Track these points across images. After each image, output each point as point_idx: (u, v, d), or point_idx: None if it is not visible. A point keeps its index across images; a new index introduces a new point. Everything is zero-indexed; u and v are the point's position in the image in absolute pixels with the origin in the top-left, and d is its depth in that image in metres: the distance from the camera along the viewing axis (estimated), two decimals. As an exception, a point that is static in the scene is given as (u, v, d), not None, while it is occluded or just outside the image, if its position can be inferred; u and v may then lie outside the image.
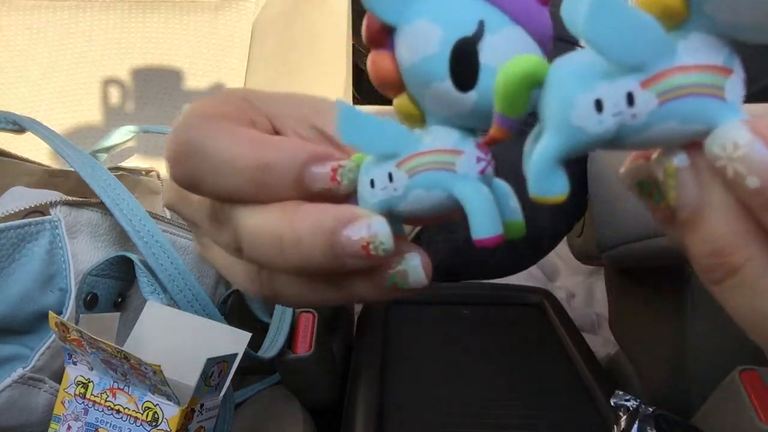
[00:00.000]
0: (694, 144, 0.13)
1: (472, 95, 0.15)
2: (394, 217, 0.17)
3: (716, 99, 0.13)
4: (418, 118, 0.17)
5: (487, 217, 0.16)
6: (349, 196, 0.18)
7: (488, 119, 0.15)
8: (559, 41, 0.55)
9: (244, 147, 0.17)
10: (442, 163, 0.16)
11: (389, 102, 0.19)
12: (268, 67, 0.72)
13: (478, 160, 0.16)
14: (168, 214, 0.64)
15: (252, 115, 0.19)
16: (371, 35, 0.16)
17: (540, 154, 0.14)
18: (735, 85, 0.13)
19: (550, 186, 0.14)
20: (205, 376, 0.37)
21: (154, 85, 0.72)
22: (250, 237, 0.17)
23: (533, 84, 0.14)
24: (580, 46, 0.14)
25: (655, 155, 0.14)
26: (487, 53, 0.14)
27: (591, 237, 0.57)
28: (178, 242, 0.50)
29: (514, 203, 0.17)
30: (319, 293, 0.18)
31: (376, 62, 0.16)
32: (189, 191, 0.18)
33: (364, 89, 1.42)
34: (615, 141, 0.14)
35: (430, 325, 0.69)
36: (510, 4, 0.14)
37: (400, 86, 0.16)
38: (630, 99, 0.13)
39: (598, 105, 0.13)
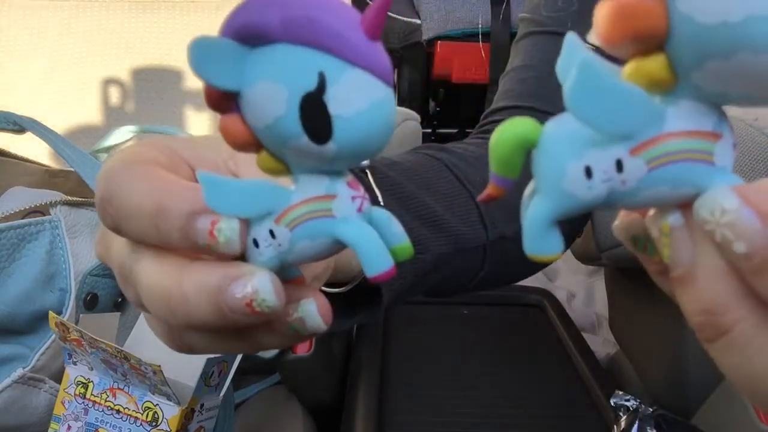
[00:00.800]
0: (688, 204, 0.14)
1: (330, 146, 0.15)
2: (286, 266, 0.17)
3: (705, 164, 0.13)
4: (284, 171, 0.17)
5: (375, 254, 0.16)
6: (243, 254, 0.17)
7: (353, 160, 0.15)
8: (556, 35, 0.54)
9: (148, 191, 0.17)
10: (319, 212, 0.16)
11: None
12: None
13: (353, 198, 0.16)
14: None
15: (175, 162, 0.19)
16: (214, 103, 0.16)
17: (533, 216, 0.15)
18: (724, 149, 0.13)
19: (543, 246, 0.15)
20: (205, 376, 0.37)
21: (154, 85, 0.72)
22: (145, 293, 0.17)
23: (526, 147, 0.14)
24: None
25: (650, 212, 0.15)
26: (334, 103, 0.14)
27: (591, 237, 0.57)
28: (178, 242, 0.50)
29: (396, 228, 0.17)
30: (227, 345, 0.19)
31: (227, 127, 0.16)
32: (115, 233, 0.18)
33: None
34: (606, 204, 0.14)
35: (430, 325, 0.69)
36: (341, 50, 0.14)
37: (256, 145, 0.16)
38: (619, 166, 0.13)
39: (588, 172, 0.13)
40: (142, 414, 0.37)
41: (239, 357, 0.39)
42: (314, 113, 0.14)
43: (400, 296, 0.33)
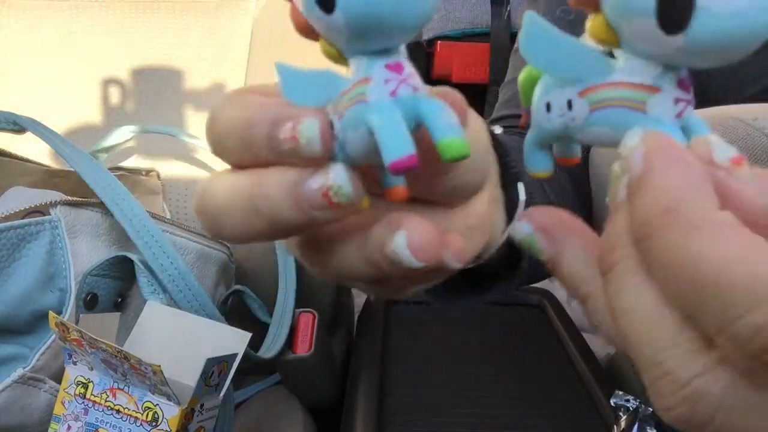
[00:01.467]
0: None
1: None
2: (355, 160, 0.16)
3: (640, 112, 0.15)
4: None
5: (392, 138, 0.15)
6: (329, 159, 0.16)
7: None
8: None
9: (239, 109, 0.17)
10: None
11: None
12: (268, 67, 0.71)
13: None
14: (168, 214, 0.64)
15: (272, 92, 0.19)
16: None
17: (526, 140, 0.18)
18: (660, 101, 0.15)
19: (534, 163, 0.19)
20: (205, 376, 0.37)
21: (154, 85, 0.72)
22: (231, 198, 0.18)
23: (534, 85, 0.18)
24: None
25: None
26: None
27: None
28: (178, 242, 0.50)
29: (446, 120, 0.16)
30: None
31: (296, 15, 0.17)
32: (218, 158, 0.19)
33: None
34: (566, 136, 0.17)
35: (430, 325, 0.69)
36: None
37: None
38: (570, 105, 0.16)
39: (548, 107, 0.17)
40: (142, 414, 0.37)
41: (239, 357, 0.39)
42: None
43: (533, 267, 0.30)
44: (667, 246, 0.13)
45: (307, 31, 0.17)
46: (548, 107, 0.16)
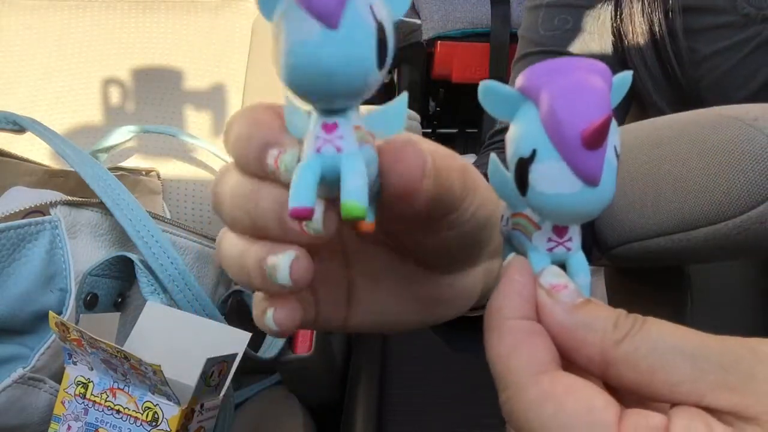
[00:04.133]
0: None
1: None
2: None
3: (526, 238, 0.20)
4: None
5: (296, 189, 0.17)
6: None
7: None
8: (552, 54, 0.56)
9: (246, 123, 0.19)
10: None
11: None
12: (268, 67, 0.71)
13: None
14: (168, 214, 0.64)
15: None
16: None
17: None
18: (539, 236, 0.20)
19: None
20: (205, 376, 0.37)
21: (154, 85, 0.72)
22: (228, 198, 0.20)
23: None
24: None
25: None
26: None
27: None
28: (178, 242, 0.50)
29: (352, 183, 0.17)
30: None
31: None
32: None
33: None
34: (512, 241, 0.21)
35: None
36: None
37: None
38: (507, 221, 0.21)
39: (502, 217, 0.22)
40: (142, 414, 0.37)
41: (239, 357, 0.39)
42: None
43: None
44: (485, 331, 0.19)
45: None
46: (502, 217, 0.22)
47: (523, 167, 0.18)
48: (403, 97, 0.18)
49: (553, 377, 0.18)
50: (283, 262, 0.18)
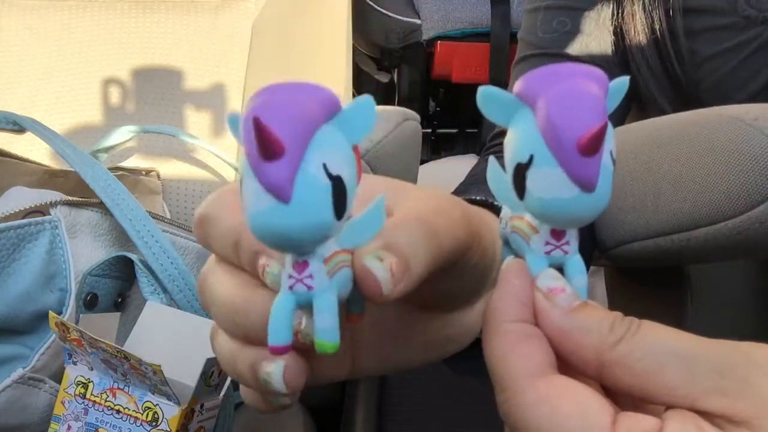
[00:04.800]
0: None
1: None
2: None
3: (524, 241, 0.20)
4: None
5: (274, 326, 0.18)
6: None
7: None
8: (551, 56, 0.56)
9: (231, 225, 0.20)
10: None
11: (387, 102, 0.19)
12: (268, 67, 0.71)
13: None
14: (168, 214, 0.64)
15: None
16: None
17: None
18: (537, 239, 0.20)
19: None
20: (205, 376, 0.37)
21: (154, 85, 0.72)
22: (216, 302, 0.21)
23: None
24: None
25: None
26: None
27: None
28: (178, 242, 0.50)
29: (324, 323, 0.19)
30: None
31: None
32: (204, 246, 0.22)
33: (364, 89, 1.42)
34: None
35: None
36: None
37: None
38: (505, 224, 0.22)
39: (501, 219, 0.22)
40: (142, 414, 0.37)
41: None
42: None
43: None
44: (483, 333, 0.20)
45: None
46: (501, 219, 0.22)
47: (520, 172, 0.18)
48: (380, 201, 0.18)
49: (549, 380, 0.18)
50: (276, 370, 0.19)
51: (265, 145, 0.15)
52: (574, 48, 0.54)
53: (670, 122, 0.44)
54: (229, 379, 0.40)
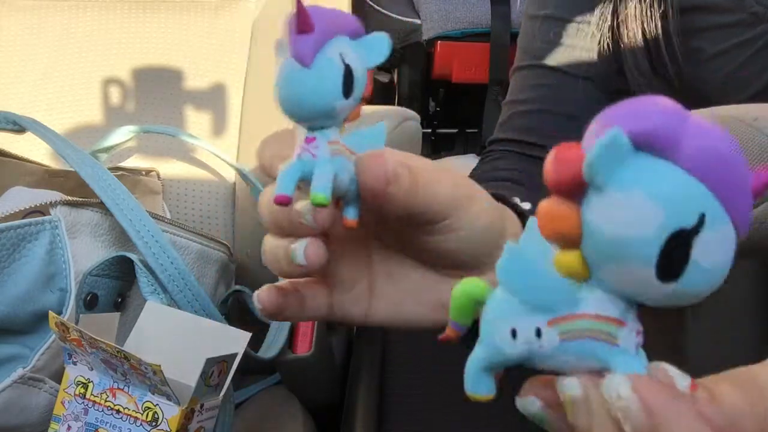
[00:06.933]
0: (592, 373, 0.16)
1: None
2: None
3: (608, 344, 0.16)
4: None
5: None
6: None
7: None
8: (548, 69, 0.55)
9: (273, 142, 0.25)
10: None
11: (387, 102, 0.20)
12: (268, 67, 0.71)
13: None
14: (168, 214, 0.64)
15: None
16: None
17: (471, 361, 0.18)
18: (628, 334, 0.16)
19: (477, 388, 0.18)
20: (205, 376, 0.37)
21: (154, 85, 0.72)
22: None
23: (476, 302, 0.18)
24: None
25: (558, 381, 0.17)
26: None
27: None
28: (178, 242, 0.50)
29: None
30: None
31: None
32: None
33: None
34: (527, 362, 0.17)
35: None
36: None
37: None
38: (538, 333, 0.16)
39: (514, 333, 0.17)
40: (142, 414, 0.37)
41: (239, 357, 0.39)
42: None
43: None
44: None
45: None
46: (513, 333, 0.17)
47: (683, 241, 0.14)
48: (380, 126, 0.23)
49: None
50: (299, 246, 0.23)
51: (299, 21, 0.20)
52: (571, 58, 0.54)
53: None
54: (229, 379, 0.40)
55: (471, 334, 0.19)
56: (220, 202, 0.66)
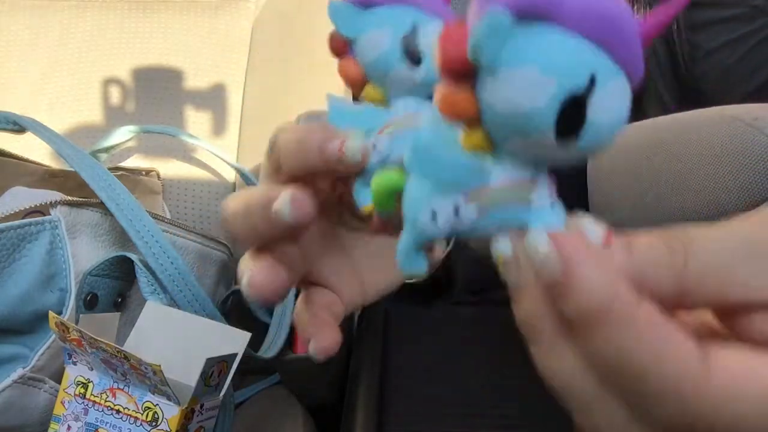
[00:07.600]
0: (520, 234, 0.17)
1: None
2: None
3: (524, 206, 0.17)
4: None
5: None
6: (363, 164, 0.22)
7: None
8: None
9: (295, 133, 0.23)
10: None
11: None
12: (268, 67, 0.72)
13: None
14: (168, 214, 0.64)
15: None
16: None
17: (400, 243, 0.18)
18: (540, 191, 0.17)
19: (410, 266, 0.18)
20: (205, 376, 0.37)
21: (154, 85, 0.72)
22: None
23: (394, 192, 0.19)
24: None
25: (491, 242, 0.18)
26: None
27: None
28: (178, 242, 0.50)
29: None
30: None
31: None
32: (275, 172, 0.24)
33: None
34: (452, 236, 0.18)
35: (430, 325, 0.69)
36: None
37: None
38: (456, 211, 0.17)
39: (434, 215, 0.17)
40: (142, 414, 0.37)
41: (239, 357, 0.39)
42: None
43: None
44: (602, 340, 0.16)
45: (359, 81, 0.22)
46: (433, 215, 0.17)
47: (578, 102, 0.14)
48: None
49: (720, 356, 0.16)
50: (284, 196, 0.21)
51: None
52: None
53: (671, 122, 0.44)
54: (229, 379, 0.40)
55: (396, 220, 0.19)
56: (220, 202, 0.66)
